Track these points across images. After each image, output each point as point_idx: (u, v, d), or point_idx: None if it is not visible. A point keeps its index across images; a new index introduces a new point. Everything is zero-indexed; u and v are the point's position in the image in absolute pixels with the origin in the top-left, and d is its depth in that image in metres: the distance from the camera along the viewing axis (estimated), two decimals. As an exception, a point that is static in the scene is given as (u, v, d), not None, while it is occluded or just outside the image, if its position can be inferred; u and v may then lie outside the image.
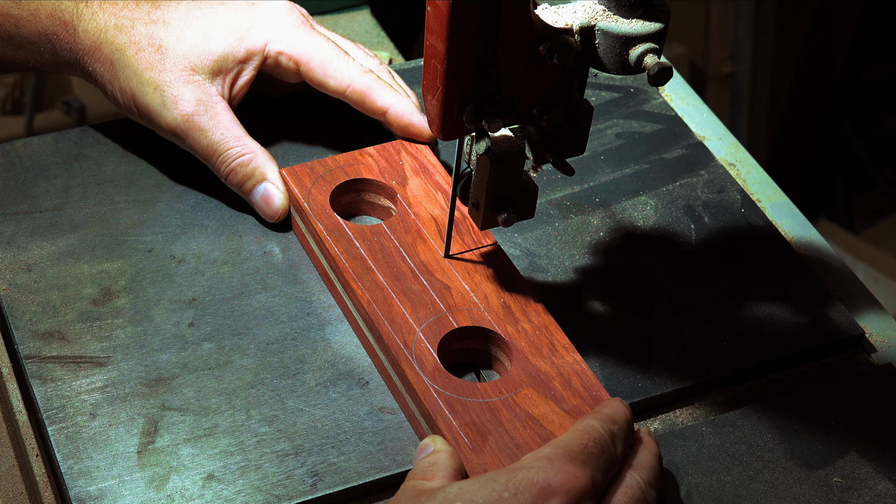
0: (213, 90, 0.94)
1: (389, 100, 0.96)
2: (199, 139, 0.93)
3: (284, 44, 0.95)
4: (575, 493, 0.71)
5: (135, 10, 0.94)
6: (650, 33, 0.79)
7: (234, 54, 0.94)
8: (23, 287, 0.91)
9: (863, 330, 0.94)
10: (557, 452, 0.73)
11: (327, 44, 0.96)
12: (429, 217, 0.94)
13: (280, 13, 0.97)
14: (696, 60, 2.26)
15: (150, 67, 0.93)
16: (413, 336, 0.86)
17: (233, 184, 0.95)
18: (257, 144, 0.95)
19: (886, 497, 0.83)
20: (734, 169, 1.08)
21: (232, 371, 0.87)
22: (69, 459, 0.82)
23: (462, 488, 0.71)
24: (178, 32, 0.93)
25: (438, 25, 0.76)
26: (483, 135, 0.82)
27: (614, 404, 0.79)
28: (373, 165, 0.96)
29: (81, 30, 0.94)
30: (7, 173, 1.00)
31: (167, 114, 0.93)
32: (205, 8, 0.95)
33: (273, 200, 0.94)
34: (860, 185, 2.57)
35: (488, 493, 0.70)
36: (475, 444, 0.80)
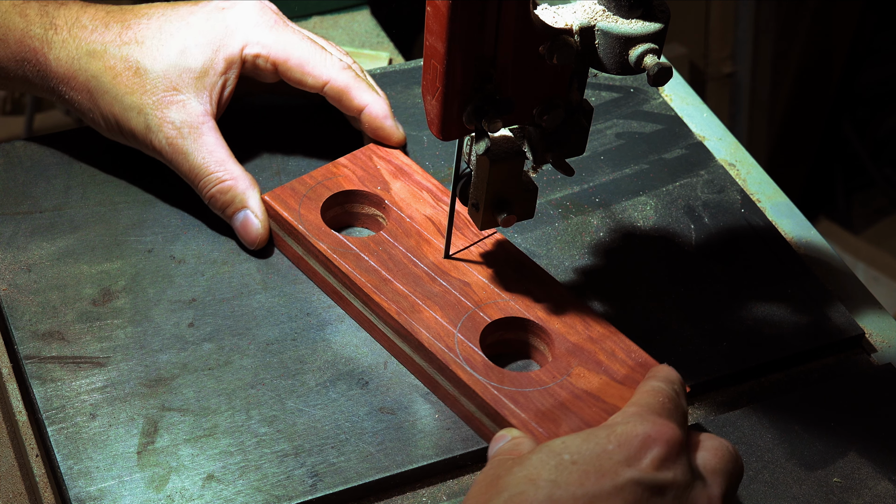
0: (199, 109, 0.92)
1: (367, 99, 0.96)
2: (182, 162, 0.93)
3: (260, 45, 0.94)
4: (672, 442, 0.73)
5: (105, 33, 0.93)
6: (650, 33, 0.79)
7: (215, 67, 0.93)
8: (23, 287, 0.91)
9: (863, 330, 0.94)
10: (642, 410, 0.76)
11: (303, 41, 0.96)
12: (423, 218, 0.94)
13: (252, 14, 0.95)
14: (696, 60, 2.26)
15: (130, 92, 0.92)
16: (452, 338, 0.86)
17: (214, 209, 0.94)
18: (240, 169, 0.93)
19: (886, 497, 0.83)
20: (734, 169, 1.08)
21: (232, 371, 0.87)
22: (69, 460, 0.82)
23: (565, 442, 0.73)
24: (154, 52, 0.92)
25: (438, 25, 0.76)
26: (483, 135, 0.82)
27: (665, 368, 0.82)
28: (351, 176, 0.96)
29: (53, 58, 0.93)
30: (7, 173, 1.00)
31: (153, 137, 0.92)
32: (176, 21, 0.94)
33: (250, 229, 0.93)
34: (860, 185, 2.57)
35: (593, 446, 0.72)
36: (549, 430, 0.81)
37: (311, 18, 1.35)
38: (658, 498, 0.71)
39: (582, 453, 0.72)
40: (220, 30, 0.94)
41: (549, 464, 0.72)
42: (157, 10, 0.95)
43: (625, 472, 0.71)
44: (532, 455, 0.73)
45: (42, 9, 0.94)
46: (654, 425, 0.74)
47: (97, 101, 0.93)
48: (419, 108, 1.09)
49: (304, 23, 1.34)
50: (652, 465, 0.72)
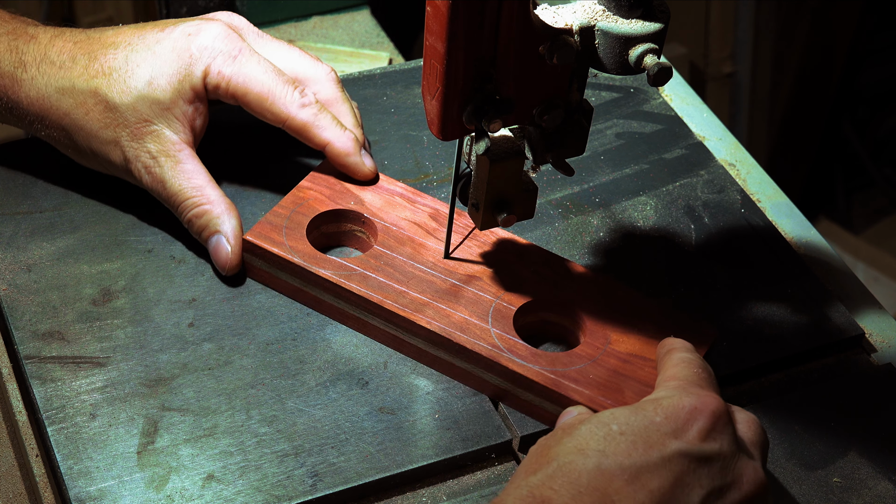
0: (173, 138, 0.92)
1: (329, 136, 0.94)
2: (160, 190, 0.92)
3: (221, 76, 0.92)
4: (718, 413, 0.75)
5: (72, 68, 0.92)
6: (650, 33, 0.79)
7: (183, 97, 0.92)
8: (23, 287, 0.91)
9: (863, 330, 0.94)
10: (683, 383, 0.77)
11: (264, 74, 0.93)
12: (407, 223, 0.93)
13: (216, 42, 0.93)
14: (696, 60, 2.26)
15: (104, 126, 0.92)
16: (489, 334, 0.86)
17: (193, 233, 0.94)
18: (217, 194, 0.92)
19: (886, 497, 0.83)
20: (734, 169, 1.08)
21: (232, 371, 0.87)
22: (69, 460, 0.82)
23: (614, 414, 0.75)
24: (122, 84, 0.91)
25: (438, 25, 0.76)
26: (483, 135, 0.82)
27: (679, 340, 0.83)
28: (320, 197, 0.94)
29: (24, 96, 0.93)
30: (7, 173, 1.00)
31: (131, 167, 0.92)
32: (142, 51, 0.92)
33: (221, 254, 0.92)
34: (860, 185, 2.57)
35: (641, 418, 0.74)
36: (616, 399, 0.82)
37: (311, 18, 1.35)
38: (704, 468, 0.73)
39: (630, 424, 0.74)
40: (185, 59, 0.92)
41: (598, 434, 0.73)
42: (124, 38, 0.93)
43: (672, 444, 0.73)
44: (581, 426, 0.74)
45: (11, 44, 0.93)
46: (699, 397, 0.75)
47: (73, 138, 0.93)
48: (419, 108, 1.09)
49: (304, 23, 1.34)
50: (698, 437, 0.73)
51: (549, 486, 0.71)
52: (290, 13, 1.34)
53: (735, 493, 0.73)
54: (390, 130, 1.06)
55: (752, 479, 0.74)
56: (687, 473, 0.72)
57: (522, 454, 0.85)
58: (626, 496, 0.71)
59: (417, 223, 0.93)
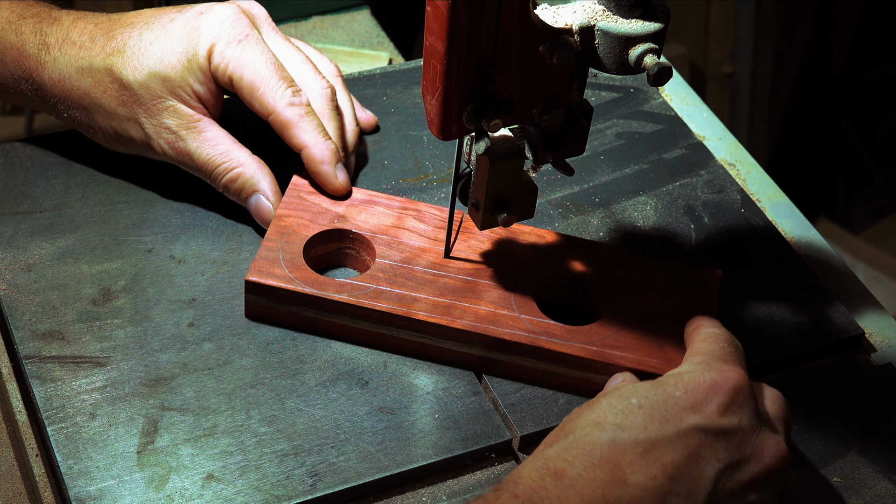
0: (188, 111, 0.93)
1: (307, 140, 0.93)
2: (188, 163, 0.94)
3: (221, 57, 0.93)
4: (738, 388, 0.75)
5: (91, 48, 0.93)
6: (650, 33, 0.79)
7: (193, 74, 0.92)
8: (23, 287, 0.91)
9: (863, 330, 0.94)
10: (707, 357, 0.78)
11: (263, 64, 0.93)
12: (395, 229, 0.93)
13: (223, 24, 0.93)
14: (696, 60, 2.26)
15: (122, 104, 0.93)
16: (520, 321, 0.87)
17: (230, 197, 0.95)
18: (247, 154, 0.93)
19: (886, 497, 0.83)
20: (734, 169, 1.08)
21: (232, 371, 0.87)
22: (69, 459, 0.82)
23: (636, 388, 0.76)
24: (135, 62, 0.92)
25: (438, 25, 0.76)
26: (483, 135, 0.82)
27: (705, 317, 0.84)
28: (302, 222, 0.92)
29: (47, 78, 0.94)
30: (7, 173, 1.00)
31: (153, 143, 0.93)
32: (156, 29, 0.93)
33: (262, 212, 0.93)
34: (860, 185, 2.57)
35: (661, 393, 0.75)
36: (662, 357, 0.85)
37: (311, 18, 1.35)
38: (722, 443, 0.73)
39: (649, 398, 0.74)
40: (194, 37, 0.93)
41: (617, 407, 0.74)
42: (142, 18, 0.95)
43: (689, 418, 0.73)
44: (602, 399, 0.75)
45: (36, 26, 0.94)
46: (721, 372, 0.76)
47: (93, 117, 0.94)
48: (419, 108, 1.09)
49: (304, 23, 1.34)
50: (717, 412, 0.74)
51: (564, 457, 0.72)
52: (290, 13, 1.34)
53: (754, 466, 0.74)
54: (390, 130, 1.06)
55: (773, 452, 0.74)
56: (703, 447, 0.73)
57: (522, 454, 0.86)
58: (639, 469, 0.71)
59: (406, 228, 0.93)
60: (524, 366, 0.87)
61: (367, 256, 0.93)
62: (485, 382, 0.88)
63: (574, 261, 0.91)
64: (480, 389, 0.88)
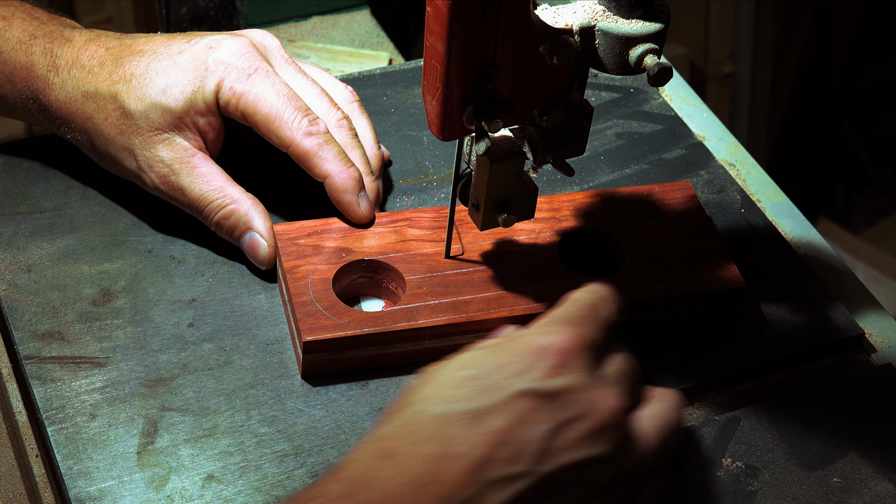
0: (184, 145, 0.92)
1: (329, 169, 0.92)
2: (180, 198, 0.92)
3: (232, 93, 0.92)
4: (567, 348, 0.75)
5: (99, 73, 0.93)
6: (650, 34, 0.79)
7: (195, 108, 0.92)
8: (23, 287, 0.91)
9: (863, 330, 0.94)
10: (549, 320, 0.78)
11: (276, 96, 0.92)
12: (399, 243, 0.92)
13: (234, 57, 0.92)
14: (696, 60, 2.26)
15: (120, 133, 0.92)
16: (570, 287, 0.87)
17: (222, 235, 0.93)
18: (241, 192, 0.92)
19: (886, 497, 0.83)
20: (734, 169, 1.08)
21: (232, 371, 0.87)
22: (69, 460, 0.82)
23: (470, 356, 0.76)
24: (139, 91, 0.91)
25: (438, 25, 0.76)
26: (483, 135, 0.82)
27: (596, 284, 0.83)
28: (319, 268, 0.89)
29: (53, 99, 0.93)
30: (7, 173, 1.00)
31: (146, 177, 0.92)
32: (165, 60, 0.92)
33: (257, 250, 0.92)
34: (860, 185, 2.57)
35: (493, 360, 0.75)
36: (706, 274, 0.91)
37: (311, 18, 1.35)
38: (550, 404, 0.73)
39: (480, 367, 0.75)
40: (201, 71, 0.92)
41: (448, 380, 0.75)
42: (151, 46, 0.94)
43: (516, 384, 0.74)
44: (438, 371, 0.75)
45: (47, 46, 0.94)
46: (552, 335, 0.76)
47: (94, 142, 0.94)
48: (419, 108, 1.09)
49: (304, 23, 1.34)
50: (544, 374, 0.74)
51: (394, 435, 0.73)
52: (290, 13, 1.34)
53: (586, 422, 0.74)
54: (390, 130, 1.06)
55: (606, 406, 0.74)
56: (530, 411, 0.73)
57: (522, 454, 0.85)
58: (464, 440, 0.72)
59: (410, 239, 0.92)
60: None
61: (382, 279, 0.92)
62: (485, 382, 0.88)
63: (573, 217, 0.94)
64: (480, 389, 0.88)
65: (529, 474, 0.72)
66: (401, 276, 0.90)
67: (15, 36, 0.94)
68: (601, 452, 0.74)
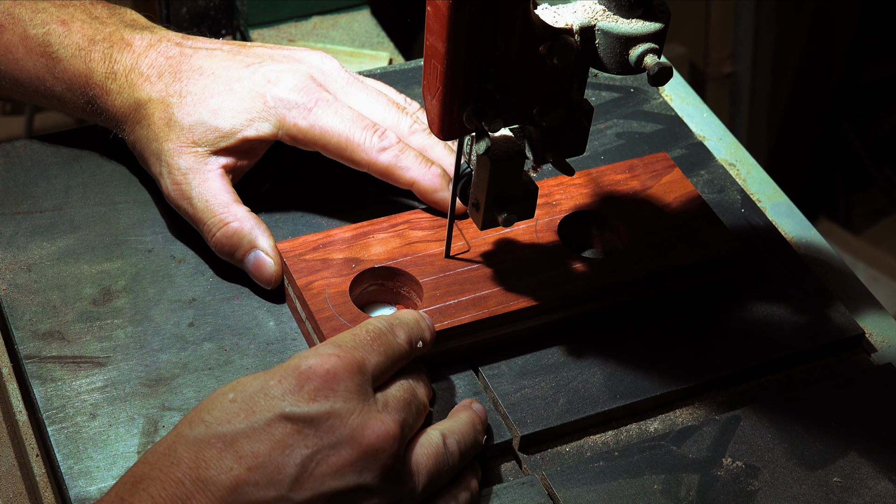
0: (210, 159, 0.92)
1: (411, 177, 0.93)
2: (186, 207, 0.92)
3: (297, 129, 0.92)
4: (331, 371, 0.75)
5: (156, 83, 0.93)
6: (650, 33, 0.79)
7: (242, 134, 0.92)
8: (23, 287, 0.91)
9: (863, 330, 0.94)
10: (324, 343, 0.78)
11: (342, 123, 0.92)
12: (405, 247, 0.92)
13: (292, 94, 0.93)
14: (696, 60, 2.26)
15: (156, 139, 0.92)
16: (585, 268, 0.91)
17: (221, 254, 0.92)
18: (245, 211, 0.92)
19: (886, 497, 0.83)
20: (734, 169, 1.08)
21: (232, 371, 0.87)
22: (69, 459, 0.82)
23: (244, 379, 0.76)
24: (190, 107, 0.92)
25: (438, 25, 0.76)
26: (483, 135, 0.82)
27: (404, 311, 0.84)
28: (327, 281, 0.89)
29: (110, 104, 0.94)
30: (7, 173, 1.00)
31: (163, 182, 0.93)
32: (221, 84, 0.93)
33: (265, 268, 0.91)
34: (860, 185, 2.57)
35: (259, 383, 0.75)
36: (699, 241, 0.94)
37: (311, 18, 1.35)
38: (311, 429, 0.73)
39: (245, 391, 0.74)
40: (259, 105, 0.92)
41: (214, 403, 0.74)
42: (211, 65, 0.94)
43: (277, 407, 0.73)
44: (211, 395, 0.75)
45: (106, 52, 0.94)
46: (318, 357, 0.75)
47: (135, 144, 0.95)
48: (419, 107, 1.08)
49: (304, 23, 1.34)
50: (307, 398, 0.74)
51: (149, 461, 0.73)
52: (290, 13, 1.34)
53: (350, 449, 0.73)
54: (390, 130, 1.06)
55: (373, 432, 0.74)
56: (289, 435, 0.73)
57: (523, 454, 0.86)
58: (215, 463, 0.71)
59: (414, 241, 0.92)
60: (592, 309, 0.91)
61: (393, 285, 0.92)
62: (485, 382, 0.88)
63: (566, 200, 0.95)
64: (480, 389, 0.88)
65: (284, 500, 0.72)
66: (415, 280, 0.90)
67: (74, 42, 0.95)
68: (366, 481, 0.73)
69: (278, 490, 0.72)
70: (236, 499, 0.71)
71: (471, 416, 0.82)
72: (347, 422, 0.74)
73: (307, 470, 0.72)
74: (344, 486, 0.73)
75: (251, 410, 0.73)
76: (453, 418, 0.82)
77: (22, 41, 0.95)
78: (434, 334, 0.84)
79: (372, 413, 0.75)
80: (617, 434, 0.87)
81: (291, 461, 0.72)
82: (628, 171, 0.98)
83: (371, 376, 0.77)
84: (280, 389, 0.74)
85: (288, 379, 0.74)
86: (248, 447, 0.72)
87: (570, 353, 0.90)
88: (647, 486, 0.83)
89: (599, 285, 0.90)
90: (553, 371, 0.89)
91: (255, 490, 0.71)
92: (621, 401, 0.87)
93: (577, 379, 0.88)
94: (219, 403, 0.74)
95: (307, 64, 0.95)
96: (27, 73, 0.96)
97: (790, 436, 0.86)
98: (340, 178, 0.99)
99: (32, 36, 0.95)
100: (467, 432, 0.81)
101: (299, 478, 0.72)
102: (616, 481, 0.83)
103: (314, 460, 0.73)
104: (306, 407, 0.73)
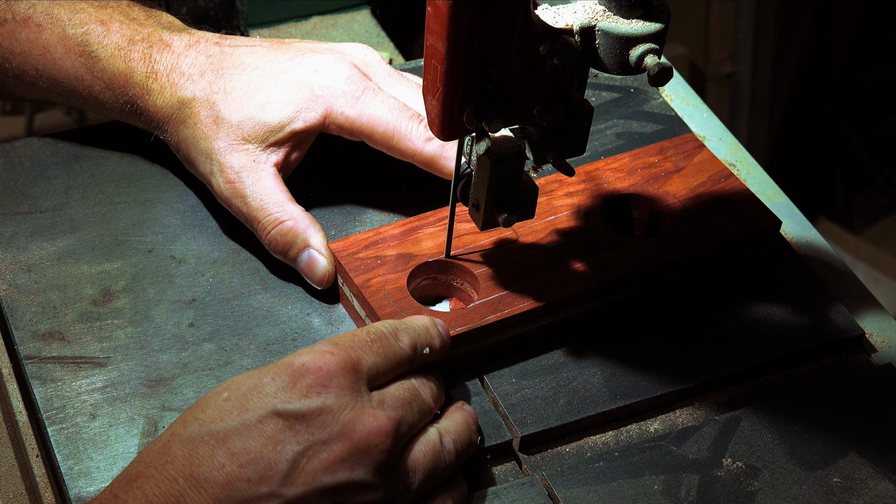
0: (262, 157, 0.92)
1: None
2: (240, 206, 0.92)
3: (344, 118, 0.92)
4: (326, 368, 0.75)
5: (198, 81, 0.93)
6: (650, 33, 0.79)
7: (289, 128, 0.92)
8: (23, 287, 0.91)
9: (863, 330, 0.94)
10: (326, 342, 0.78)
11: (388, 113, 0.93)
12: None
13: (339, 83, 0.93)
14: (696, 60, 2.26)
15: (204, 138, 0.92)
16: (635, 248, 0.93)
17: (275, 252, 0.92)
18: (300, 210, 0.92)
19: (886, 497, 0.83)
20: (734, 169, 1.08)
21: (232, 371, 0.87)
22: (69, 460, 0.82)
23: (238, 377, 0.76)
24: (237, 104, 0.92)
25: (438, 25, 0.76)
26: (483, 135, 0.82)
27: (415, 316, 0.83)
28: (384, 277, 0.89)
29: (151, 104, 0.94)
30: (7, 173, 1.00)
31: (214, 181, 0.92)
32: (267, 77, 0.93)
33: (317, 267, 0.91)
34: (860, 185, 2.57)
35: (252, 381, 0.75)
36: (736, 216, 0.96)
37: (311, 18, 1.35)
38: (302, 425, 0.73)
39: (239, 389, 0.75)
40: (306, 95, 0.92)
41: (208, 401, 0.75)
42: (253, 61, 0.94)
43: (269, 404, 0.73)
44: (206, 395, 0.76)
45: (146, 52, 0.94)
46: (315, 355, 0.75)
47: (179, 145, 0.94)
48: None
49: (304, 23, 1.34)
50: (299, 394, 0.74)
51: (144, 459, 0.73)
52: (290, 13, 1.34)
53: (342, 445, 0.73)
54: (390, 130, 1.06)
55: (365, 428, 0.74)
56: (280, 432, 0.73)
57: (523, 454, 0.86)
58: (210, 459, 0.72)
59: (462, 234, 0.92)
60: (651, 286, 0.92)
61: (447, 278, 0.92)
62: (485, 382, 0.88)
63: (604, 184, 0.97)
64: (481, 389, 0.88)
65: (276, 496, 0.72)
66: (469, 272, 0.91)
67: (113, 42, 0.95)
68: (358, 477, 0.74)
69: (270, 486, 0.72)
70: (228, 495, 0.71)
71: (465, 416, 0.82)
72: (339, 417, 0.74)
73: (299, 466, 0.73)
74: (336, 482, 0.73)
75: (244, 408, 0.73)
76: (449, 418, 0.82)
77: (60, 41, 0.95)
78: (447, 342, 0.83)
79: (365, 409, 0.75)
80: (617, 434, 0.88)
81: (283, 457, 0.72)
82: (660, 154, 1.00)
83: (366, 376, 0.77)
84: (273, 387, 0.74)
85: (281, 376, 0.75)
86: (239, 444, 0.72)
87: (570, 353, 0.90)
88: (648, 487, 0.83)
89: (654, 263, 0.91)
90: (553, 371, 0.89)
91: (248, 486, 0.72)
92: (621, 401, 0.87)
93: (577, 379, 0.88)
94: (213, 402, 0.74)
95: (349, 55, 0.96)
96: (65, 72, 0.96)
97: (790, 436, 0.86)
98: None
99: (71, 35, 0.95)
100: (463, 432, 0.81)
101: (291, 473, 0.72)
102: (616, 482, 0.83)
103: (305, 456, 0.73)
104: (298, 403, 0.73)
